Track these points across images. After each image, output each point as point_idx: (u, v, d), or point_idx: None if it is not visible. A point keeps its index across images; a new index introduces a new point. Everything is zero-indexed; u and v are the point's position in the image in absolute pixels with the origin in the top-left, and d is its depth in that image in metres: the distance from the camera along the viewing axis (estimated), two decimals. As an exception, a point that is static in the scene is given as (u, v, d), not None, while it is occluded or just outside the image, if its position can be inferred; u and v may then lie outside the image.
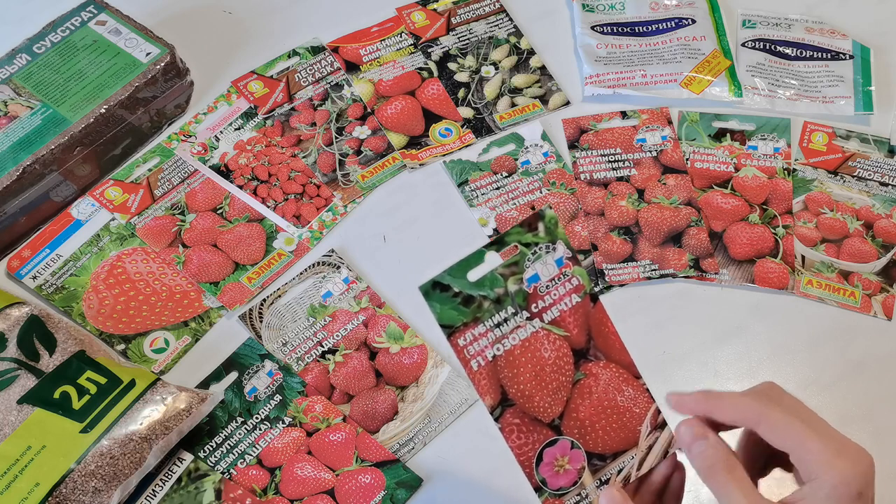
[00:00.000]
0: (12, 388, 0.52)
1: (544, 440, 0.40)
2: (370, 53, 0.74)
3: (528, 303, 0.39)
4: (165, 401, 0.53)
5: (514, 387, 0.39)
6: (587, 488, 0.41)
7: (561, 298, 0.40)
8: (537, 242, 0.39)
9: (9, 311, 0.55)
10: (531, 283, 0.39)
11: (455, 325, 0.38)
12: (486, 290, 0.38)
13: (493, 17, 0.77)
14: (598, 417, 0.41)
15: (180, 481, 0.53)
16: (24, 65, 0.66)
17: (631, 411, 0.42)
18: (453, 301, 0.38)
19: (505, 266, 0.39)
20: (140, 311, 0.60)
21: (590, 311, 0.41)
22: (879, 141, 0.69)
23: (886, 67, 0.74)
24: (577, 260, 0.40)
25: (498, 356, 0.39)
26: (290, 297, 0.61)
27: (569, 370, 0.40)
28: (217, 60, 0.74)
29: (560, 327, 0.40)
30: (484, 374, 0.38)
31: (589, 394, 0.41)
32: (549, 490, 0.40)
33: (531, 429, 0.40)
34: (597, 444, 0.41)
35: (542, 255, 0.39)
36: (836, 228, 0.64)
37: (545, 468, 0.40)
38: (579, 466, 0.40)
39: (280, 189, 0.66)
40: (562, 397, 0.40)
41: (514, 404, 0.39)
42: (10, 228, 0.62)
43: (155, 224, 0.64)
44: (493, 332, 0.39)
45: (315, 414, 0.56)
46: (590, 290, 0.41)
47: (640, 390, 0.42)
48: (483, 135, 0.70)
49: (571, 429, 0.40)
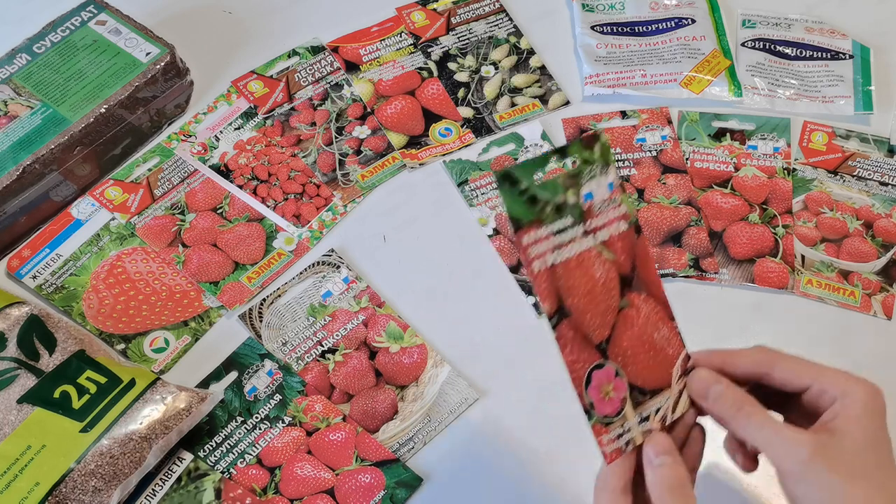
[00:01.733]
0: (12, 388, 0.52)
1: (594, 361, 0.39)
2: (370, 53, 0.74)
3: (584, 218, 0.38)
4: (165, 400, 0.53)
5: (569, 298, 0.38)
6: (629, 423, 0.40)
7: (611, 222, 0.39)
8: (593, 161, 0.38)
9: (9, 311, 0.55)
10: (587, 200, 0.38)
11: (522, 220, 0.36)
12: (549, 195, 0.37)
13: (493, 16, 0.77)
14: (639, 350, 0.40)
15: (180, 481, 0.53)
16: (24, 65, 0.66)
17: (665, 352, 0.41)
18: (521, 197, 0.36)
19: (566, 177, 0.38)
20: (140, 310, 0.60)
21: (635, 241, 0.40)
22: (879, 140, 0.69)
23: (886, 67, 0.74)
24: (624, 188, 0.39)
25: (556, 264, 0.38)
26: (289, 296, 0.61)
27: (615, 295, 0.40)
28: (217, 60, 0.74)
29: (610, 250, 0.39)
30: (544, 278, 0.37)
31: (631, 324, 0.40)
32: (597, 415, 0.39)
33: (582, 346, 0.39)
34: (637, 376, 0.40)
35: (596, 175, 0.38)
36: (835, 228, 0.64)
37: (593, 391, 0.39)
38: (622, 396, 0.39)
39: (280, 189, 0.66)
40: (609, 321, 0.39)
41: (571, 315, 0.38)
42: (10, 228, 0.62)
43: (155, 224, 0.64)
44: (554, 238, 0.37)
45: (315, 413, 0.56)
46: (634, 220, 0.40)
47: (674, 332, 0.41)
48: (483, 134, 0.70)
49: (616, 355, 0.40)
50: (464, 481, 0.54)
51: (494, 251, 0.63)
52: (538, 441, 0.55)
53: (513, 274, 0.62)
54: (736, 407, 0.39)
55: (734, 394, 0.39)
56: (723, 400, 0.39)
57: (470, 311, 0.61)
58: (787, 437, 0.37)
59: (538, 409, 0.57)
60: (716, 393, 0.39)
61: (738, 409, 0.38)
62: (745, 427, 0.38)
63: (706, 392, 0.40)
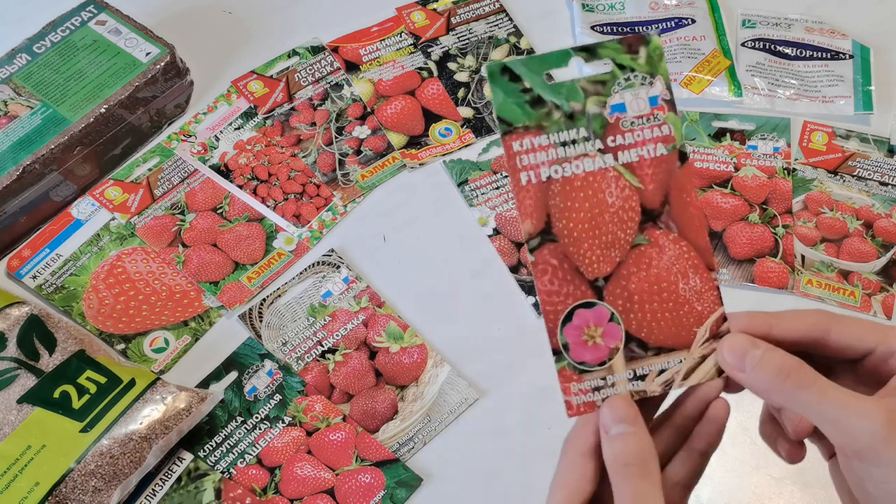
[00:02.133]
0: (12, 388, 0.52)
1: (580, 298, 0.34)
2: (370, 53, 0.74)
3: (605, 133, 0.33)
4: (165, 400, 0.53)
5: (561, 220, 0.33)
6: (616, 376, 0.34)
7: (644, 143, 0.34)
8: (634, 69, 0.33)
9: (9, 311, 0.55)
10: (614, 112, 0.33)
11: (514, 123, 0.32)
12: (561, 100, 0.33)
13: (493, 16, 0.77)
14: (651, 297, 0.34)
15: (180, 481, 0.53)
16: (24, 64, 0.66)
17: (691, 306, 0.34)
18: (520, 96, 0.32)
19: (590, 81, 0.33)
20: (140, 310, 0.60)
21: (674, 170, 0.34)
22: (879, 140, 0.69)
23: (886, 67, 0.74)
24: (674, 106, 0.34)
25: (554, 179, 0.33)
26: (289, 296, 0.61)
27: (631, 227, 0.34)
28: (217, 60, 0.74)
29: (635, 175, 0.34)
30: (532, 193, 0.33)
31: (647, 265, 0.34)
32: (569, 359, 0.33)
33: (568, 279, 0.33)
34: (641, 327, 0.34)
35: (635, 85, 0.33)
36: (835, 228, 0.64)
37: (572, 331, 0.33)
38: (613, 345, 0.34)
39: (280, 189, 0.66)
40: (614, 256, 0.34)
41: (557, 241, 0.33)
42: (10, 228, 0.62)
43: (155, 224, 0.64)
44: (557, 149, 0.33)
45: (315, 413, 0.56)
46: (680, 145, 0.34)
47: (710, 285, 0.34)
48: (483, 134, 0.70)
49: (616, 298, 0.34)
50: (464, 481, 0.54)
51: (494, 251, 0.63)
52: (538, 441, 0.55)
53: (513, 274, 0.62)
54: (783, 374, 0.31)
55: (780, 359, 0.31)
56: (765, 367, 0.31)
57: (470, 311, 0.61)
58: (858, 408, 0.29)
59: (538, 408, 0.57)
60: (754, 359, 0.31)
61: (786, 377, 0.31)
62: (797, 399, 0.30)
63: (742, 361, 0.32)
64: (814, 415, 0.30)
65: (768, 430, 0.36)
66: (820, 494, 0.53)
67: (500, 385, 0.58)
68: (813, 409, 0.30)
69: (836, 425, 0.29)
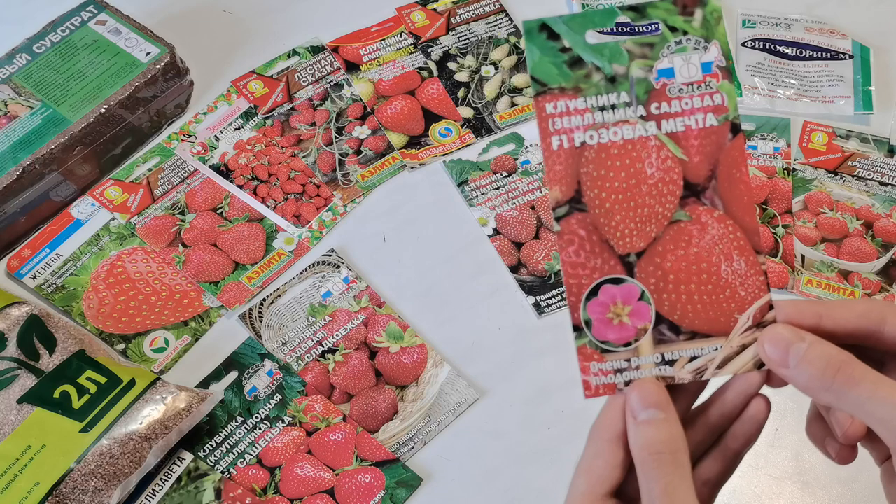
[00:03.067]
0: (12, 388, 0.52)
1: (608, 273, 0.32)
2: (370, 53, 0.74)
3: (650, 99, 0.31)
4: (165, 400, 0.53)
5: (593, 189, 0.31)
6: (641, 359, 0.32)
7: (693, 112, 0.31)
8: (687, 32, 0.31)
9: (9, 311, 0.55)
10: (661, 77, 0.31)
11: (550, 84, 0.30)
12: (602, 62, 0.30)
13: (493, 16, 0.77)
14: (689, 279, 0.32)
15: (180, 481, 0.53)
16: (24, 64, 0.66)
17: (734, 290, 0.32)
18: (558, 56, 0.30)
19: (636, 43, 0.31)
20: (140, 310, 0.60)
21: (724, 143, 0.32)
22: (879, 140, 0.69)
23: (886, 67, 0.74)
24: (730, 74, 0.32)
25: (588, 145, 0.31)
26: (289, 296, 0.61)
27: (671, 202, 0.32)
28: (217, 60, 0.74)
29: (679, 146, 0.31)
30: (562, 159, 0.31)
31: (686, 243, 0.32)
32: (591, 336, 0.32)
33: (597, 252, 0.31)
34: (674, 309, 0.32)
35: (687, 49, 0.31)
36: (835, 228, 0.64)
37: (596, 307, 0.32)
38: (641, 326, 0.32)
39: (280, 189, 0.66)
40: (650, 231, 0.32)
41: (587, 211, 0.31)
42: (9, 228, 0.62)
43: (155, 224, 0.64)
44: (594, 114, 0.31)
45: (315, 413, 0.56)
46: (733, 116, 0.32)
47: (756, 269, 0.32)
48: (483, 134, 0.70)
49: (649, 276, 0.32)
50: (464, 481, 0.54)
51: (494, 251, 0.63)
52: (538, 441, 0.55)
53: (513, 274, 0.62)
54: (832, 369, 0.28)
55: (828, 352, 0.29)
56: (811, 361, 0.29)
57: (470, 311, 0.61)
58: None
59: (538, 408, 0.57)
60: (799, 353, 0.29)
61: (835, 372, 0.28)
62: (846, 396, 0.28)
63: (786, 355, 0.29)
64: (864, 414, 0.28)
65: (815, 431, 0.33)
66: (820, 494, 0.53)
67: (500, 385, 0.58)
68: (864, 407, 0.28)
69: (888, 425, 0.27)
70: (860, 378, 0.28)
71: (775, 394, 0.32)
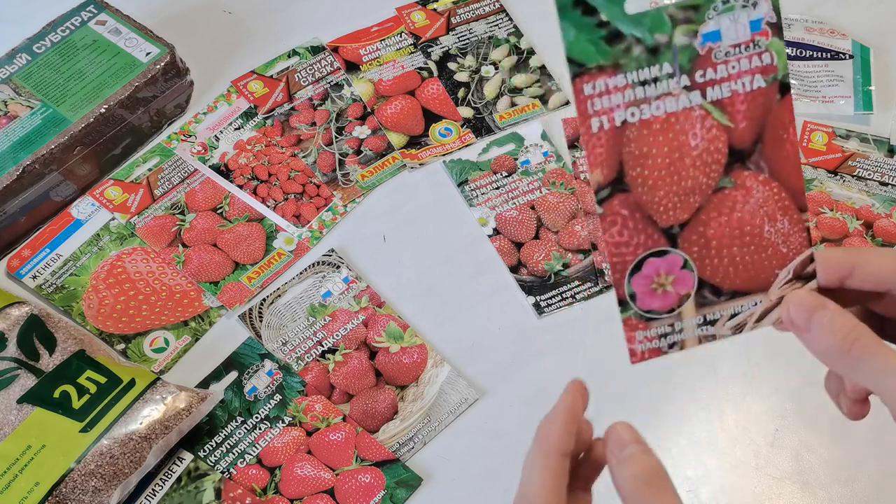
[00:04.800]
0: (12, 388, 0.52)
1: (651, 247, 0.32)
2: (370, 53, 0.74)
3: (694, 67, 0.30)
4: (165, 400, 0.53)
5: (636, 168, 0.30)
6: (684, 322, 0.32)
7: (740, 75, 0.30)
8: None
9: (9, 311, 0.55)
10: (706, 42, 0.30)
11: (587, 64, 0.29)
12: (643, 32, 0.29)
13: (493, 16, 0.77)
14: (732, 242, 0.32)
15: (180, 481, 0.53)
16: (24, 64, 0.66)
17: (776, 249, 0.32)
18: (595, 32, 0.28)
19: (679, 6, 0.29)
20: (140, 310, 0.60)
21: (772, 105, 0.31)
22: (879, 140, 0.69)
23: (886, 67, 0.74)
24: (780, 30, 0.30)
25: (629, 123, 0.30)
26: (289, 296, 0.61)
27: (716, 171, 0.31)
28: (217, 60, 0.74)
29: (724, 113, 0.31)
30: (603, 141, 0.30)
31: (730, 209, 0.32)
32: (635, 308, 0.32)
33: (640, 228, 0.31)
34: (716, 273, 0.32)
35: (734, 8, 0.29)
36: (835, 228, 0.64)
37: (640, 281, 0.32)
38: (684, 292, 0.32)
39: (280, 189, 0.66)
40: (693, 202, 0.31)
41: (629, 191, 0.31)
42: (9, 228, 0.62)
43: (155, 224, 0.64)
44: (635, 90, 0.29)
45: (315, 413, 0.56)
46: (783, 75, 0.30)
47: (799, 226, 0.32)
48: (483, 134, 0.70)
49: (692, 245, 0.32)
50: (464, 481, 0.54)
51: (494, 251, 0.63)
52: (538, 441, 0.55)
53: (513, 274, 0.62)
54: (851, 339, 0.30)
55: (848, 322, 0.30)
56: (829, 331, 0.30)
57: (470, 311, 0.61)
58: None
59: (538, 408, 0.56)
60: (820, 321, 0.30)
61: (853, 342, 0.30)
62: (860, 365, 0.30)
63: (808, 320, 0.31)
64: (876, 384, 0.29)
65: (834, 383, 0.35)
66: (820, 494, 0.53)
67: (500, 385, 0.58)
68: (876, 378, 0.29)
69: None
70: (875, 350, 0.29)
71: (775, 394, 0.32)
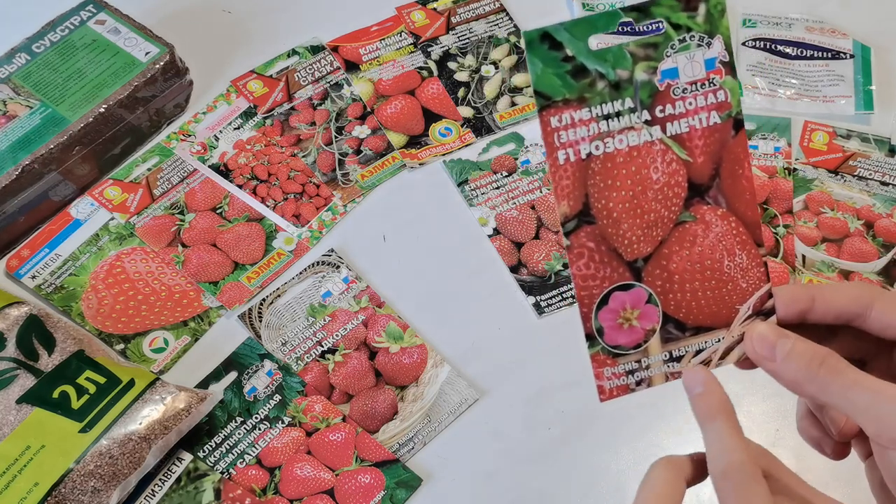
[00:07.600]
0: (11, 388, 0.52)
1: (617, 281, 0.32)
2: (370, 53, 0.74)
3: (654, 103, 0.31)
4: (164, 400, 0.53)
5: (601, 201, 0.31)
6: (651, 359, 0.33)
7: (696, 111, 0.31)
8: (690, 28, 0.30)
9: (8, 311, 0.55)
10: (665, 79, 0.31)
11: (554, 97, 0.30)
12: (606, 68, 0.30)
13: (493, 16, 0.77)
14: (693, 276, 0.33)
15: (179, 481, 0.53)
16: (23, 64, 0.66)
17: (736, 283, 0.33)
18: (561, 66, 0.29)
19: (639, 44, 0.30)
20: (139, 310, 0.60)
21: (727, 141, 0.32)
22: (880, 140, 0.69)
23: (887, 67, 0.74)
24: (733, 69, 0.31)
25: (594, 156, 0.31)
26: (289, 296, 0.61)
27: (676, 205, 0.32)
28: (216, 60, 0.73)
29: (683, 148, 0.31)
30: (569, 173, 0.30)
31: (691, 243, 0.32)
32: (603, 343, 0.32)
33: (606, 261, 0.32)
34: (680, 307, 0.33)
35: (690, 47, 0.30)
36: (836, 228, 0.64)
37: (607, 315, 0.32)
38: (649, 327, 0.33)
39: (279, 188, 0.66)
40: (656, 235, 0.32)
41: (595, 223, 0.31)
42: (9, 228, 0.62)
43: (154, 223, 0.64)
44: (599, 123, 0.30)
45: (315, 414, 0.56)
46: (736, 112, 0.32)
47: (756, 261, 0.33)
48: (483, 134, 0.70)
49: (655, 279, 0.32)
50: (464, 481, 0.54)
51: (494, 251, 0.63)
52: (538, 441, 0.55)
53: (513, 274, 0.62)
54: (816, 362, 0.30)
55: (810, 348, 0.31)
56: (796, 357, 0.31)
57: (470, 311, 0.61)
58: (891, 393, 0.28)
59: (538, 408, 0.57)
60: (784, 349, 0.31)
61: (819, 365, 0.30)
62: (830, 387, 0.30)
63: (771, 351, 0.31)
64: (847, 403, 0.29)
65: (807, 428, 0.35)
66: (820, 495, 0.53)
67: (500, 385, 0.58)
68: (846, 397, 0.29)
69: (868, 413, 0.29)
70: (843, 370, 0.30)
71: (776, 395, 0.32)
